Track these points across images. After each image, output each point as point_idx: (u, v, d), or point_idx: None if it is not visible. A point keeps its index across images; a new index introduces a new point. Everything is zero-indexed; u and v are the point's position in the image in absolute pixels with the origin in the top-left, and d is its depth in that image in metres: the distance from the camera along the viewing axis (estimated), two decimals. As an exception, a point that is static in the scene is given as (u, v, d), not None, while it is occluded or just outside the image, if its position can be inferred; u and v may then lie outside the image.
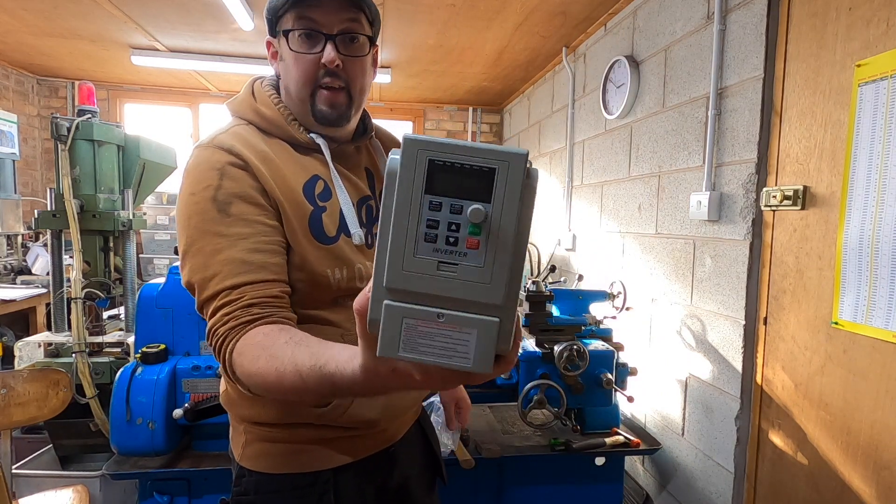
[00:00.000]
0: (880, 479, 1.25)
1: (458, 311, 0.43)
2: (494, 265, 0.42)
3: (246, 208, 0.76)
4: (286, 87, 0.86)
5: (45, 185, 4.34)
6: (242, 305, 0.72)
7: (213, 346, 0.73)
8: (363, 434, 0.91)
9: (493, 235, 0.41)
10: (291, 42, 0.81)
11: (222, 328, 0.72)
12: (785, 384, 1.54)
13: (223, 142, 0.79)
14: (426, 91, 4.49)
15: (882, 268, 1.22)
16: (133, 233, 2.14)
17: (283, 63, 0.84)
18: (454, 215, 0.42)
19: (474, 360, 0.43)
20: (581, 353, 1.59)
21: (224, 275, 0.73)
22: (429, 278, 0.42)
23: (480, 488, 1.65)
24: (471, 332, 0.43)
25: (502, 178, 0.41)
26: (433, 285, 0.42)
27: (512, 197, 0.41)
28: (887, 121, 1.20)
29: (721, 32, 1.77)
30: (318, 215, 0.82)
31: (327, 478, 0.87)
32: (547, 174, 3.69)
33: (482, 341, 0.43)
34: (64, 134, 1.96)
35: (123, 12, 2.87)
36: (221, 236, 0.74)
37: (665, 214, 2.12)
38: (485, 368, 0.43)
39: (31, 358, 2.03)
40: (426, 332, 0.43)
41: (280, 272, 0.77)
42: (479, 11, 2.71)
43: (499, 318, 0.43)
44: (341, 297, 0.84)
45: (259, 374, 0.66)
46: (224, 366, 0.73)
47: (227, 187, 0.76)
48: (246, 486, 0.88)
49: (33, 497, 1.55)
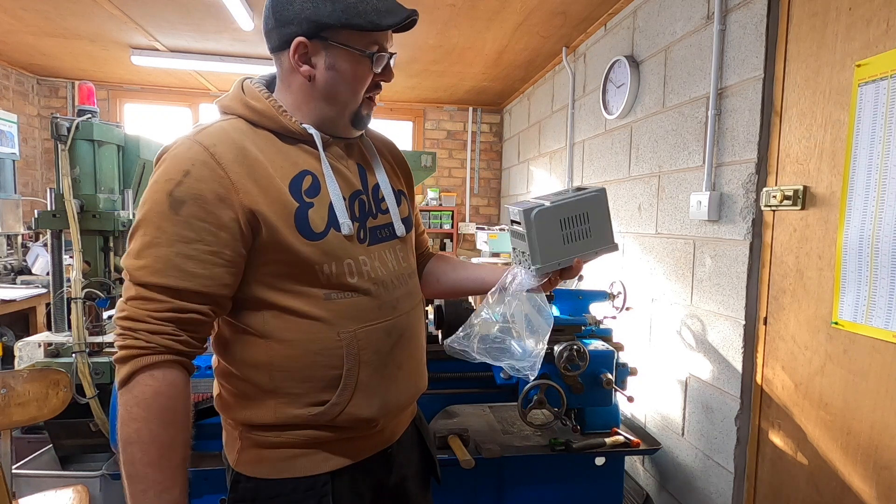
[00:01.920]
0: (880, 479, 1.25)
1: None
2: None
3: (197, 212, 0.75)
4: (331, 93, 0.85)
5: (45, 185, 4.34)
6: (168, 315, 0.74)
7: (120, 335, 0.75)
8: (360, 435, 0.90)
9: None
10: (365, 61, 0.85)
11: (143, 335, 0.74)
12: (785, 384, 1.54)
13: (204, 138, 0.78)
14: (426, 91, 4.49)
15: (882, 268, 1.22)
16: (133, 233, 2.14)
17: (332, 72, 0.84)
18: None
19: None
20: (581, 353, 1.59)
21: (153, 270, 0.73)
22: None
23: (480, 488, 1.65)
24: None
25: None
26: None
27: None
28: (887, 121, 1.20)
29: (721, 32, 1.77)
30: (305, 212, 0.81)
31: (325, 481, 0.87)
32: (547, 174, 3.69)
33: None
34: (64, 134, 1.96)
35: (123, 12, 2.87)
36: (162, 231, 0.74)
37: (665, 214, 2.12)
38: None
39: (31, 358, 2.02)
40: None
41: (208, 285, 0.76)
42: (479, 11, 2.71)
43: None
44: (333, 290, 0.84)
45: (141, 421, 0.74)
46: (121, 366, 0.75)
47: (187, 185, 0.74)
48: (243, 493, 0.87)
49: (33, 497, 1.55)
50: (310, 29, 0.81)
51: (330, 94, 0.85)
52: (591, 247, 0.93)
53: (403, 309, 0.92)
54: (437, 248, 4.95)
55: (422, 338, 1.02)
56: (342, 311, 0.84)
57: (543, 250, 0.90)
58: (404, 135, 5.05)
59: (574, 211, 0.90)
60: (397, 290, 0.92)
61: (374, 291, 0.87)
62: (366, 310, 0.86)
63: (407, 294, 0.94)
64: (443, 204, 4.91)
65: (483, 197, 5.14)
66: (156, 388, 0.73)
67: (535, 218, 0.87)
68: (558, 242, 0.90)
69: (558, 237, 0.90)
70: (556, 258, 0.91)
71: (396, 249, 0.95)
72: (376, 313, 0.87)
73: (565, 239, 0.90)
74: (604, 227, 0.93)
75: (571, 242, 0.91)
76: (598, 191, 0.92)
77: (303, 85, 0.86)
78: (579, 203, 0.90)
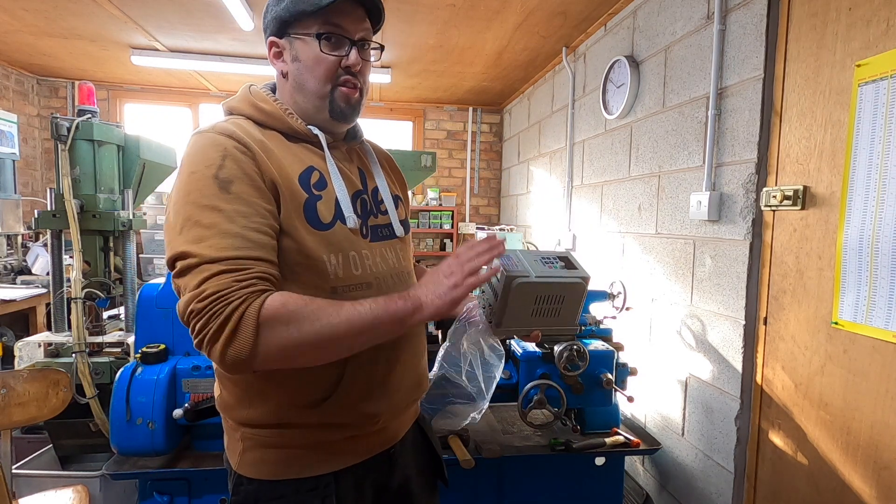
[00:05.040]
0: (880, 479, 1.25)
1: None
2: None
3: (246, 189, 0.77)
4: (300, 84, 0.88)
5: (45, 185, 4.34)
6: (254, 276, 0.73)
7: (217, 311, 0.70)
8: (363, 434, 0.90)
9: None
10: (316, 44, 0.86)
11: (240, 290, 0.70)
12: (785, 384, 1.54)
13: (224, 128, 0.81)
14: (426, 91, 4.49)
15: (882, 268, 1.22)
16: (133, 233, 2.14)
17: (297, 63, 0.88)
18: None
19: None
20: (581, 353, 1.58)
21: (223, 246, 0.72)
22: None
23: (480, 488, 1.65)
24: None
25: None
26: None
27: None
28: (887, 121, 1.20)
29: (721, 32, 1.77)
30: (314, 203, 0.84)
31: (328, 481, 0.87)
32: (547, 174, 3.69)
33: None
34: (64, 134, 1.96)
35: (123, 12, 2.87)
36: (220, 211, 0.74)
37: (665, 214, 2.12)
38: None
39: (31, 358, 2.03)
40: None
41: (273, 255, 0.78)
42: (479, 11, 2.71)
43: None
44: (340, 286, 0.84)
45: (312, 319, 0.72)
46: (233, 329, 0.70)
47: (229, 167, 0.77)
48: (245, 495, 0.87)
49: (33, 497, 1.55)
50: (277, 28, 0.88)
51: (299, 85, 0.89)
52: (553, 325, 0.93)
53: None
54: (437, 248, 4.96)
55: (422, 336, 1.02)
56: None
57: (509, 317, 0.90)
58: (404, 135, 5.05)
59: (553, 291, 0.90)
60: (398, 287, 0.92)
61: (377, 286, 0.88)
62: None
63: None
64: (443, 204, 4.91)
65: (483, 197, 5.14)
66: (281, 300, 0.73)
67: (516, 287, 0.87)
68: (526, 314, 0.91)
69: (528, 309, 0.90)
70: (518, 326, 0.92)
71: (396, 248, 0.97)
72: None
73: (534, 312, 0.91)
74: (573, 312, 0.93)
75: (538, 317, 0.91)
76: (582, 278, 0.91)
77: (283, 83, 0.91)
78: (562, 286, 0.90)
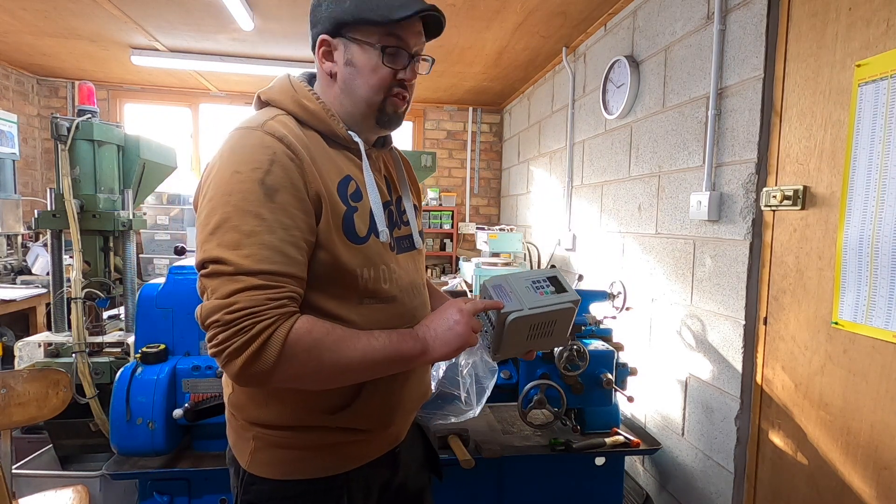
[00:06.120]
0: (880, 479, 1.25)
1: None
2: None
3: (290, 199, 0.76)
4: (350, 88, 0.87)
5: (45, 185, 4.34)
6: (286, 295, 0.73)
7: (245, 327, 0.70)
8: (374, 436, 0.91)
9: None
10: (375, 54, 0.85)
11: (271, 310, 0.71)
12: (785, 384, 1.54)
13: (275, 129, 0.79)
14: (426, 91, 4.49)
15: (882, 268, 1.22)
16: (133, 233, 2.14)
17: (350, 68, 0.86)
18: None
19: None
20: (581, 353, 1.59)
21: (261, 258, 0.72)
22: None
23: (480, 488, 1.65)
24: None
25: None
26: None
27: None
28: (887, 121, 1.20)
29: (721, 32, 1.77)
30: (351, 215, 0.83)
31: (341, 482, 0.87)
32: (547, 174, 3.69)
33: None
34: (64, 134, 1.96)
35: (123, 12, 2.87)
36: (261, 219, 0.73)
37: (665, 214, 2.12)
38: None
39: (31, 358, 2.03)
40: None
41: (305, 273, 0.78)
42: (479, 11, 2.71)
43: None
44: (367, 297, 0.85)
45: (332, 349, 0.75)
46: (258, 349, 0.70)
47: (276, 173, 0.75)
48: (257, 494, 0.86)
49: (33, 497, 1.55)
50: (331, 27, 0.86)
51: (349, 89, 0.87)
52: (546, 344, 1.00)
53: (419, 317, 0.93)
54: (438, 248, 4.95)
55: None
56: (372, 317, 0.85)
57: (506, 346, 0.94)
58: (404, 135, 5.05)
59: (546, 319, 0.94)
60: (416, 299, 0.94)
61: (400, 298, 0.89)
62: (392, 316, 0.88)
63: (422, 304, 0.97)
64: (443, 204, 4.90)
65: (483, 197, 5.14)
66: (307, 327, 0.74)
67: (510, 323, 0.90)
68: (521, 340, 0.95)
69: (523, 336, 0.95)
70: (515, 351, 0.98)
71: (416, 260, 0.98)
72: (399, 320, 0.89)
73: (529, 337, 0.96)
74: (564, 330, 0.99)
75: (532, 340, 0.97)
76: (572, 302, 0.95)
77: (329, 83, 0.89)
78: (555, 313, 0.94)
